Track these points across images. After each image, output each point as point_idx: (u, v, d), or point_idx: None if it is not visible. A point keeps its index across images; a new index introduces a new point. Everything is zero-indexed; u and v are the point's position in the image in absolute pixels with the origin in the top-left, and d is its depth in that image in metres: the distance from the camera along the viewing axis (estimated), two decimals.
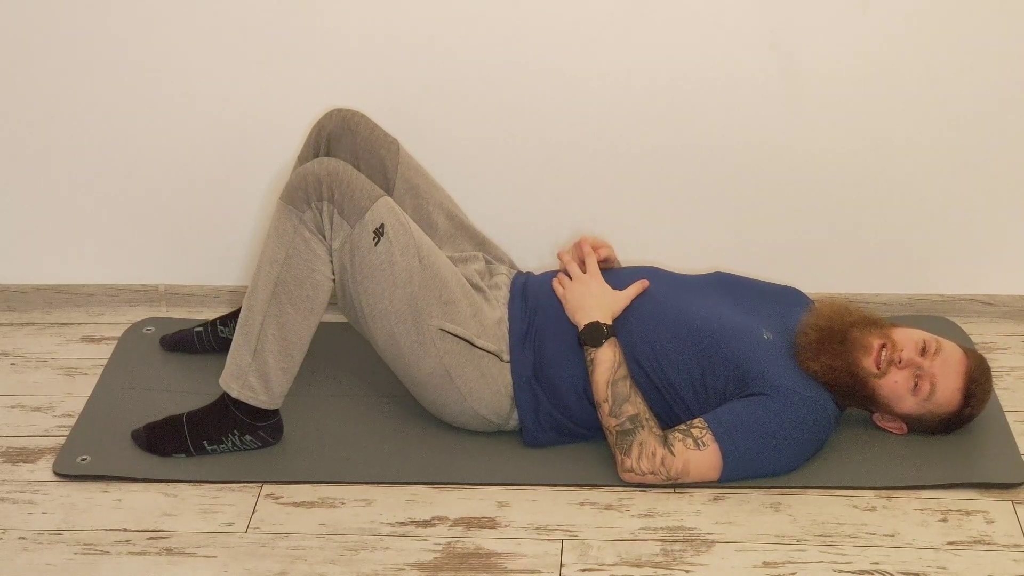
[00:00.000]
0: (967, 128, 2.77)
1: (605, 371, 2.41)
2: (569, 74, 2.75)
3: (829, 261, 2.92)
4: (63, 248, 2.98)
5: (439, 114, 2.81)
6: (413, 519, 2.36)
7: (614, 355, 2.42)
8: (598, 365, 2.42)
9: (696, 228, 2.90)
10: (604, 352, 2.43)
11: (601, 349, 2.43)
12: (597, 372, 2.42)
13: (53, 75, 2.78)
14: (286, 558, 2.27)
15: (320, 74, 2.77)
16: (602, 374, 2.41)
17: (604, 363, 2.42)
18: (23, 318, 3.00)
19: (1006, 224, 2.88)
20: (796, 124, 2.78)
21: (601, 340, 2.43)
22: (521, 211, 2.90)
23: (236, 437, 2.47)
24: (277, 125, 2.82)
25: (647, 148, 2.82)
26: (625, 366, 2.42)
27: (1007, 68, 2.71)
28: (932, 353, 2.41)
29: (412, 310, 2.40)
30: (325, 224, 2.36)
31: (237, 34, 2.74)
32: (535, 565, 2.25)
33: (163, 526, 2.35)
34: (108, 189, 2.90)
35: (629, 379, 2.41)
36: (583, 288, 2.52)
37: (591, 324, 2.45)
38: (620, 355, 2.43)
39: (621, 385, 2.40)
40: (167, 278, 3.01)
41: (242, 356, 2.41)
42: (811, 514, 2.35)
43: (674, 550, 2.28)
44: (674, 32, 2.70)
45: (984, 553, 2.27)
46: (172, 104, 2.81)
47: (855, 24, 2.68)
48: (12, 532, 2.34)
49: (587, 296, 2.50)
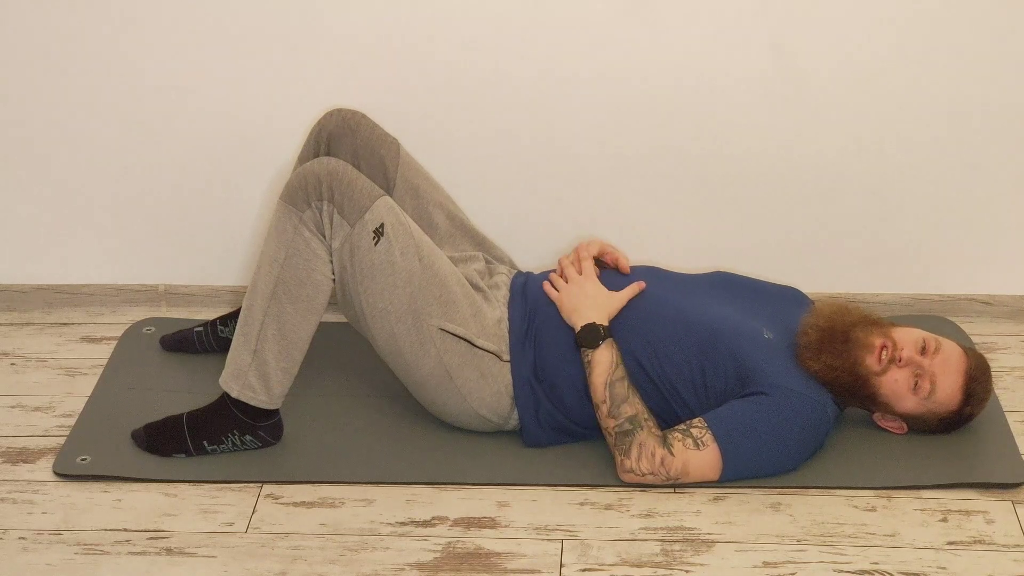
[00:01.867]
0: (967, 128, 2.77)
1: (602, 372, 2.41)
2: (569, 74, 2.75)
3: (829, 261, 2.92)
4: (63, 248, 2.98)
5: (439, 114, 2.81)
6: (413, 519, 2.36)
7: (611, 356, 2.42)
8: (595, 367, 2.42)
9: (696, 228, 2.90)
10: (601, 353, 2.42)
11: (598, 351, 2.43)
12: (594, 374, 2.42)
13: (53, 75, 2.78)
14: (286, 558, 2.27)
15: (320, 74, 2.77)
16: (599, 376, 2.41)
17: (601, 364, 2.42)
18: (23, 318, 3.00)
19: (1006, 224, 2.88)
20: (796, 124, 2.78)
21: (598, 342, 2.43)
22: (521, 211, 2.90)
23: (236, 437, 2.47)
24: (277, 125, 2.82)
25: (648, 148, 2.82)
26: (623, 367, 2.42)
27: (1007, 68, 2.71)
28: (932, 352, 2.41)
29: (412, 310, 2.40)
30: (325, 224, 2.36)
31: (237, 34, 2.74)
32: (535, 565, 2.25)
33: (163, 526, 2.35)
34: (108, 189, 2.90)
35: (627, 380, 2.41)
36: (578, 289, 2.51)
37: (587, 326, 2.45)
38: (617, 356, 2.43)
39: (619, 386, 2.40)
40: (167, 278, 3.01)
41: (242, 356, 2.41)
42: (811, 514, 2.35)
43: (674, 550, 2.28)
44: (675, 32, 2.70)
45: (984, 553, 2.27)
46: (172, 104, 2.81)
47: (856, 24, 2.68)
48: (12, 532, 2.34)
49: (582, 297, 2.50)
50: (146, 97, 2.80)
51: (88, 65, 2.77)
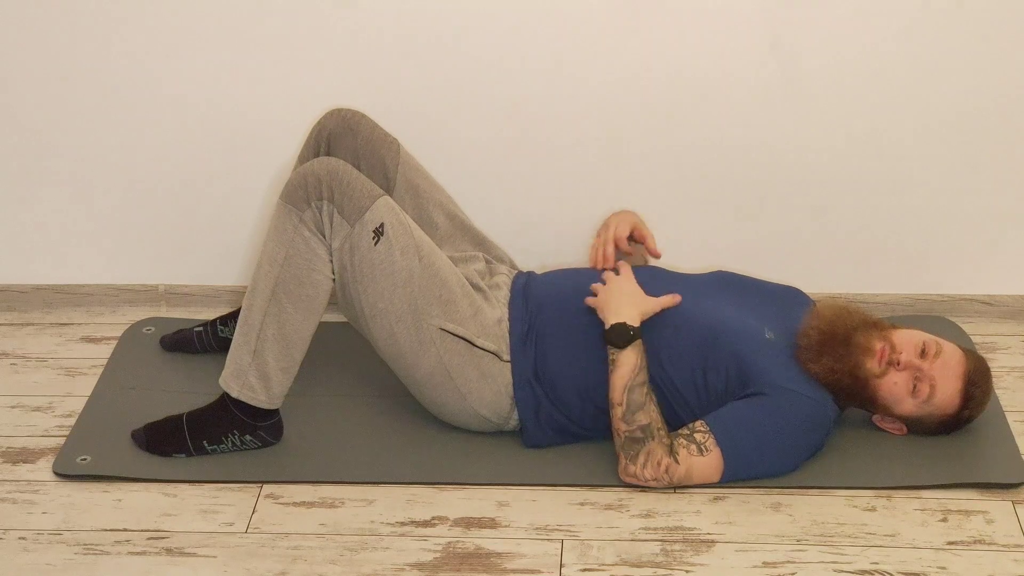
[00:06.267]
0: (968, 128, 2.77)
1: (624, 375, 2.39)
2: (570, 74, 2.75)
3: (829, 261, 2.92)
4: (63, 248, 2.98)
5: (439, 114, 2.81)
6: (413, 519, 2.36)
7: (636, 359, 2.40)
8: (619, 367, 2.40)
9: (697, 228, 2.90)
10: (627, 355, 2.40)
11: (624, 351, 2.40)
12: (616, 374, 2.40)
13: (53, 75, 2.78)
14: (286, 558, 2.27)
15: (320, 74, 2.77)
16: (620, 377, 2.39)
17: (625, 366, 2.39)
18: (23, 318, 3.00)
19: (1006, 224, 2.87)
20: (797, 124, 2.78)
21: (626, 341, 2.41)
22: (521, 211, 2.90)
23: (236, 437, 2.47)
24: (277, 125, 2.82)
25: (648, 148, 2.82)
26: (645, 372, 2.39)
27: (1007, 68, 2.71)
28: (932, 355, 2.41)
29: (412, 310, 2.40)
30: (325, 224, 2.36)
31: (237, 34, 2.74)
32: (535, 565, 2.25)
33: (163, 526, 2.35)
34: (108, 189, 2.90)
35: (646, 386, 2.38)
36: (616, 287, 2.48)
37: (617, 324, 2.42)
38: (643, 360, 2.40)
39: (637, 392, 2.38)
40: (167, 278, 3.01)
41: (242, 356, 2.41)
42: (811, 514, 2.35)
43: (674, 550, 2.28)
44: (675, 32, 2.70)
45: (984, 553, 2.27)
46: (172, 104, 2.81)
47: (856, 24, 2.68)
48: (12, 532, 2.34)
49: (619, 294, 2.47)
50: (146, 97, 2.80)
51: (88, 65, 2.77)
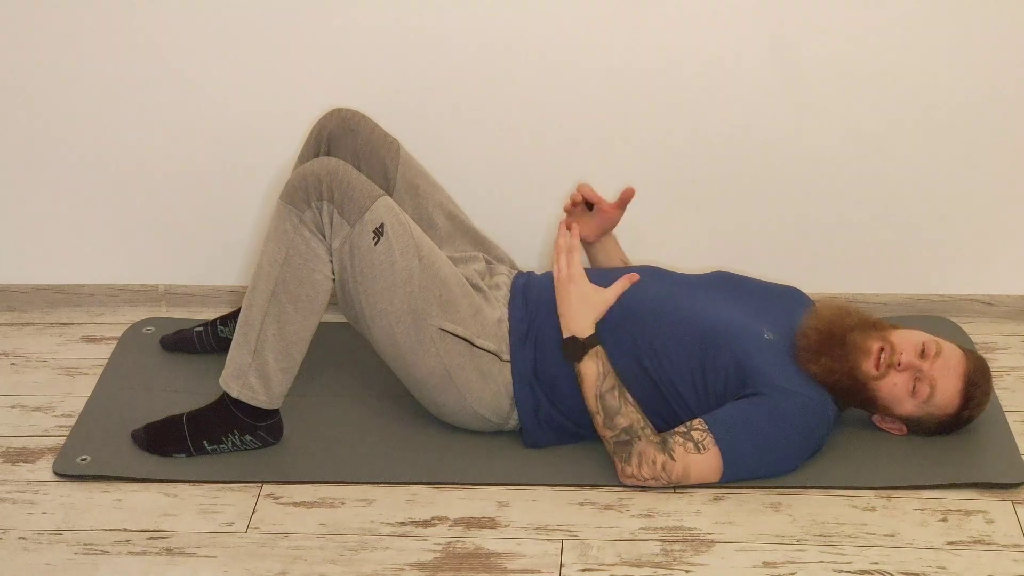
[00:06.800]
0: (968, 128, 2.77)
1: (591, 385, 2.39)
2: (569, 73, 2.75)
3: (829, 261, 2.92)
4: (63, 248, 2.98)
5: (439, 114, 2.81)
6: (413, 519, 2.36)
7: (596, 368, 2.39)
8: (583, 379, 2.40)
9: (697, 228, 2.90)
10: (587, 366, 2.40)
11: (582, 364, 2.40)
12: (584, 386, 2.40)
13: (52, 75, 2.78)
14: (286, 558, 2.27)
15: (320, 74, 2.77)
16: (588, 388, 2.40)
17: (588, 377, 2.40)
18: (23, 318, 3.00)
19: (1006, 224, 2.88)
20: (797, 124, 2.78)
21: (580, 355, 2.41)
22: (521, 211, 2.90)
23: (236, 437, 2.47)
24: (277, 125, 2.82)
25: (648, 147, 2.82)
26: (612, 375, 2.39)
27: (1008, 67, 2.71)
28: (932, 356, 2.41)
29: (412, 310, 2.40)
30: (325, 224, 2.36)
31: (237, 34, 2.74)
32: (535, 565, 2.25)
33: (163, 526, 2.35)
34: (108, 189, 2.90)
35: (617, 389, 2.39)
36: (563, 294, 2.45)
37: (567, 340, 2.42)
38: (605, 365, 2.39)
39: (609, 397, 2.38)
40: (167, 278, 3.01)
41: (242, 356, 2.41)
42: (811, 514, 2.35)
43: (674, 550, 2.28)
44: (675, 30, 2.70)
45: (984, 553, 2.27)
46: (172, 104, 2.81)
47: (857, 22, 2.68)
48: (12, 532, 2.34)
49: (567, 302, 2.44)
50: (146, 97, 2.80)
51: (88, 65, 2.77)
